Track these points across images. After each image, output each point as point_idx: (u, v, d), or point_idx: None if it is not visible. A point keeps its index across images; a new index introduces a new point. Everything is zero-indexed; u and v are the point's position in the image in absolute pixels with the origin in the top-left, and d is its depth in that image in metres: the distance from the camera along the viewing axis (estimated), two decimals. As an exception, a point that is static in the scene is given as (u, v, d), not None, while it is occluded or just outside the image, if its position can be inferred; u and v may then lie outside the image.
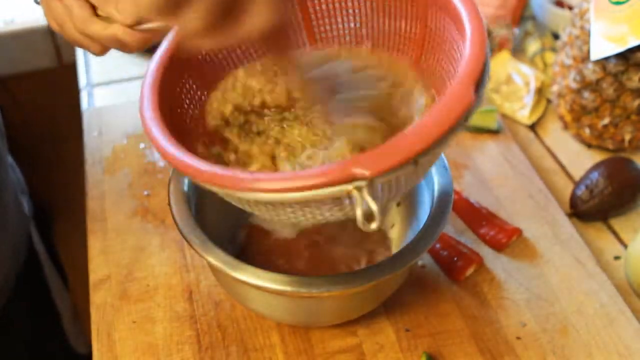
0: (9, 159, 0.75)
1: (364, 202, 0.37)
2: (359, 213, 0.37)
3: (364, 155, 0.37)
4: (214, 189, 0.41)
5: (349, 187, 0.37)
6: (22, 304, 0.76)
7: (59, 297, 0.87)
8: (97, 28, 0.52)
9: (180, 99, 0.51)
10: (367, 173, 0.36)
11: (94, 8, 0.52)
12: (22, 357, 0.79)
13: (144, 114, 0.46)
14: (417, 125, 0.38)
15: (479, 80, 0.40)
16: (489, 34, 0.90)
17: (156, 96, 0.47)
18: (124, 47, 0.53)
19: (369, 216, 0.37)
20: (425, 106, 0.49)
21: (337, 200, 0.40)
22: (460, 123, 0.39)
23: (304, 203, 0.40)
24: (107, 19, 0.52)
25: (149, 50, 0.95)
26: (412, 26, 0.51)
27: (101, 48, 0.55)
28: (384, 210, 0.43)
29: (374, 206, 0.37)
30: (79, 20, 0.52)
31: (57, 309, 0.87)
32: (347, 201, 0.40)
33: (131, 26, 0.51)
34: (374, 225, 0.38)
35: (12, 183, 0.72)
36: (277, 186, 0.38)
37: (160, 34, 0.51)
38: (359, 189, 0.37)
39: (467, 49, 0.41)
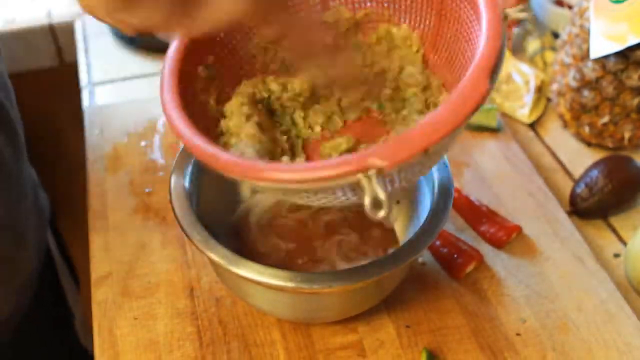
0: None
1: (373, 190, 0.37)
2: (367, 201, 0.38)
3: (380, 146, 0.38)
4: (233, 176, 0.42)
5: (359, 175, 0.37)
6: (39, 305, 0.76)
7: (72, 297, 0.87)
8: None
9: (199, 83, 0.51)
10: (384, 164, 0.37)
11: None
12: (35, 358, 0.79)
13: (164, 99, 0.46)
14: (433, 115, 0.38)
15: (494, 68, 0.40)
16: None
17: (176, 79, 0.47)
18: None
19: (377, 204, 0.38)
20: (434, 88, 0.49)
21: (348, 187, 0.41)
22: (475, 112, 0.39)
23: (317, 190, 0.41)
24: None
25: (150, 48, 0.96)
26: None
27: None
28: (391, 198, 0.43)
29: (382, 194, 0.37)
30: None
31: (71, 309, 0.87)
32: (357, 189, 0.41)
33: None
34: (381, 213, 0.38)
35: (30, 181, 0.72)
36: (295, 177, 0.39)
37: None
38: (368, 177, 0.37)
39: (482, 35, 0.41)
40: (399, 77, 0.54)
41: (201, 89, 0.51)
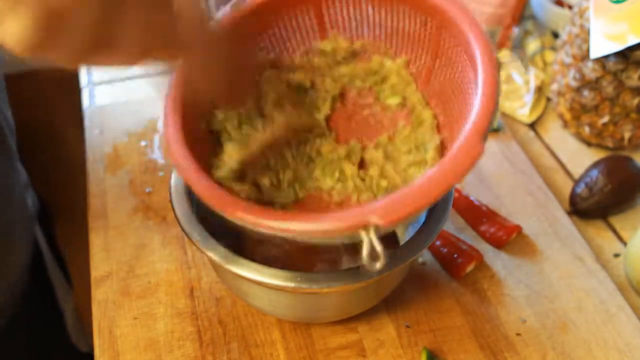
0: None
1: (370, 243, 0.39)
2: (365, 253, 0.39)
3: (378, 204, 0.39)
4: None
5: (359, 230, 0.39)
6: (28, 303, 0.76)
7: (62, 296, 0.87)
8: None
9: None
10: (381, 222, 0.39)
11: None
12: (25, 357, 0.79)
13: (168, 136, 0.48)
14: (428, 177, 0.40)
15: (487, 129, 0.41)
16: (491, 35, 0.91)
17: (179, 115, 0.48)
18: None
19: (374, 256, 0.40)
20: (431, 148, 0.50)
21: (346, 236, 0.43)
22: (469, 171, 0.41)
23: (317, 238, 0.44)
24: None
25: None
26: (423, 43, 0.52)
27: None
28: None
29: (379, 248, 0.39)
30: None
31: (61, 308, 0.87)
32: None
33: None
34: (378, 265, 0.40)
35: (17, 180, 0.72)
36: (295, 227, 0.41)
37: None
38: (367, 230, 0.39)
39: (478, 93, 0.42)
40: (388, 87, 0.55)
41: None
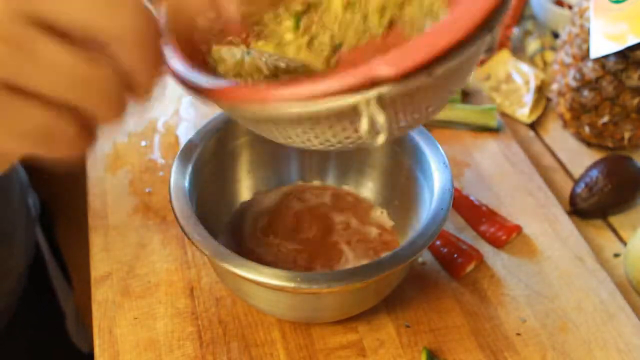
0: None
1: (370, 113, 0.35)
2: (364, 124, 0.35)
3: (387, 55, 0.35)
4: (228, 106, 0.40)
5: (358, 97, 0.35)
6: (28, 304, 0.76)
7: (63, 296, 0.87)
8: None
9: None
10: (391, 72, 0.34)
11: None
12: (26, 357, 0.79)
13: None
14: (438, 25, 0.35)
15: None
16: (492, 35, 0.90)
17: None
18: None
19: (375, 132, 0.36)
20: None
21: (347, 118, 0.38)
22: (488, 23, 0.35)
23: (316, 120, 0.39)
24: None
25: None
26: None
27: None
28: (394, 132, 0.41)
29: (381, 117, 0.35)
30: None
31: (61, 308, 0.87)
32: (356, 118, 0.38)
33: None
34: (380, 139, 0.36)
35: (18, 182, 0.72)
36: (304, 92, 0.36)
37: None
38: (366, 101, 0.35)
39: None
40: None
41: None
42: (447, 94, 0.43)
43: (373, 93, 0.35)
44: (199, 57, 0.47)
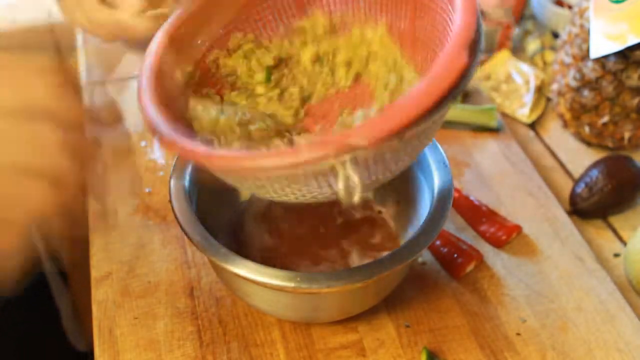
0: None
1: (346, 174, 0.37)
2: (340, 185, 0.38)
3: (361, 125, 0.37)
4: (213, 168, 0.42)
5: (333, 161, 0.37)
6: (22, 301, 0.76)
7: (58, 295, 0.87)
8: (103, 15, 0.54)
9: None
10: (364, 142, 0.36)
11: None
12: (20, 356, 0.79)
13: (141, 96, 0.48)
14: (410, 94, 0.37)
15: (473, 44, 0.38)
16: (492, 35, 0.90)
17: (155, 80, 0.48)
18: (130, 34, 0.55)
19: (351, 189, 0.38)
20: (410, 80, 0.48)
21: (323, 178, 0.40)
22: (456, 89, 0.37)
23: (293, 178, 0.41)
24: (113, 7, 0.55)
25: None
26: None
27: (109, 35, 0.57)
28: (367, 187, 0.44)
29: (355, 178, 0.37)
30: (87, 8, 0.55)
31: (57, 307, 0.87)
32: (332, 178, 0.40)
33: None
34: (355, 198, 0.38)
35: None
36: (281, 162, 0.38)
37: (165, 19, 0.52)
38: (342, 163, 0.37)
39: (457, 16, 0.40)
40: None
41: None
42: (417, 151, 0.46)
43: (348, 156, 0.37)
44: (176, 112, 0.49)
